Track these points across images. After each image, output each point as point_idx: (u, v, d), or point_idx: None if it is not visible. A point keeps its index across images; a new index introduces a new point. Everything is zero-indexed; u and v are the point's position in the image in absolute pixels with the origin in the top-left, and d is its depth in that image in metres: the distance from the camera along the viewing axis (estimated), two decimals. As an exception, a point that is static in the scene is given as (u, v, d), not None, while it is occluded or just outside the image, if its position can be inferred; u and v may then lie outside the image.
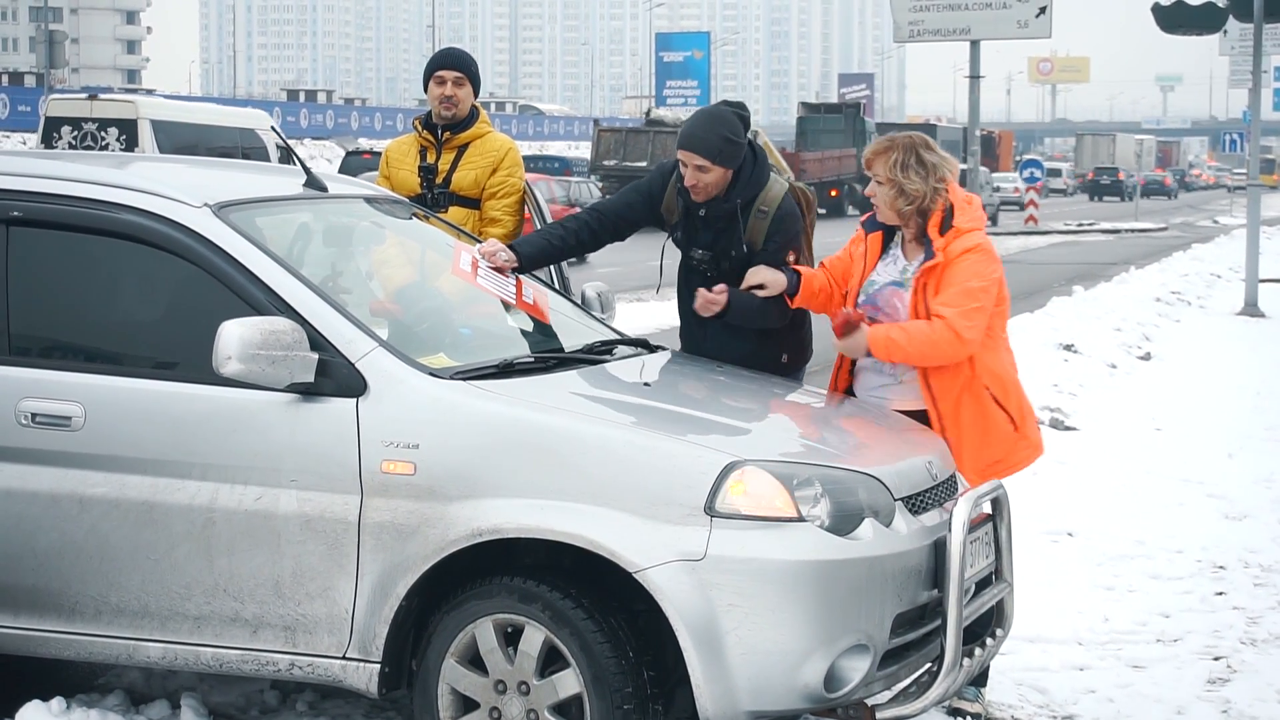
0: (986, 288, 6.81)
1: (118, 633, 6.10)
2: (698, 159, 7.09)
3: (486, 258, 7.06)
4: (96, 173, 6.50)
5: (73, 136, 29.98)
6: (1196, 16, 26.91)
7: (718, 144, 7.09)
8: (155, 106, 31.77)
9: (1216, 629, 8.28)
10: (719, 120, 7.18)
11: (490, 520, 5.62)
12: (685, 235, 7.35)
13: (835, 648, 5.53)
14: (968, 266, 6.80)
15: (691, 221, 7.29)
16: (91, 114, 30.10)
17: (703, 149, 7.09)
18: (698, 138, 7.12)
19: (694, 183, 7.13)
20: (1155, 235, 54.26)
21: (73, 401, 6.07)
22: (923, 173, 6.83)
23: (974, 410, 6.87)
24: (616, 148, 54.09)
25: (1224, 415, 14.97)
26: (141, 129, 29.17)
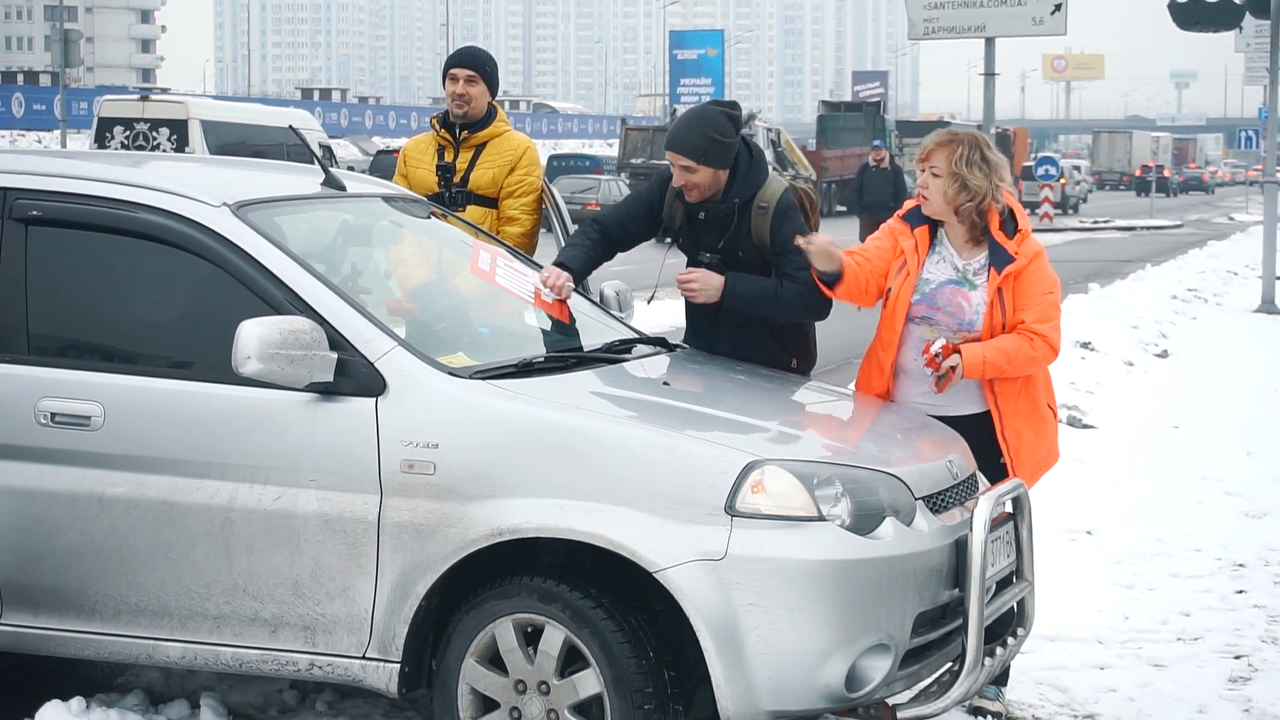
0: (1056, 290, 6.89)
1: (137, 632, 6.10)
2: (683, 159, 7.03)
3: (551, 289, 6.95)
4: (115, 172, 6.50)
5: (125, 136, 30.54)
6: (1213, 13, 26.83)
7: (702, 144, 7.01)
8: (204, 107, 32.55)
9: (1237, 627, 8.26)
10: (704, 121, 7.11)
11: (510, 520, 5.61)
12: (690, 239, 7.30)
13: (856, 647, 5.52)
14: (1042, 273, 6.83)
15: (694, 225, 7.25)
16: (143, 114, 30.82)
17: (686, 149, 7.02)
18: (681, 138, 7.06)
19: (683, 183, 7.08)
20: (1171, 232, 54.16)
21: (92, 401, 6.07)
22: (985, 170, 6.78)
23: (1029, 408, 6.89)
24: (643, 146, 54.58)
25: (1242, 413, 14.94)
26: (191, 129, 29.87)
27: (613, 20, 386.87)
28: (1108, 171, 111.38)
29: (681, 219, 7.29)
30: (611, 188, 46.99)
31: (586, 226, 7.41)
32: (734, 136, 7.08)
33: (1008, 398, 6.84)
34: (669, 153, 7.10)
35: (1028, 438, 6.86)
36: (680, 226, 7.32)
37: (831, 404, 6.91)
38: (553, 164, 58.11)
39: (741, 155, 7.16)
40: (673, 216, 7.31)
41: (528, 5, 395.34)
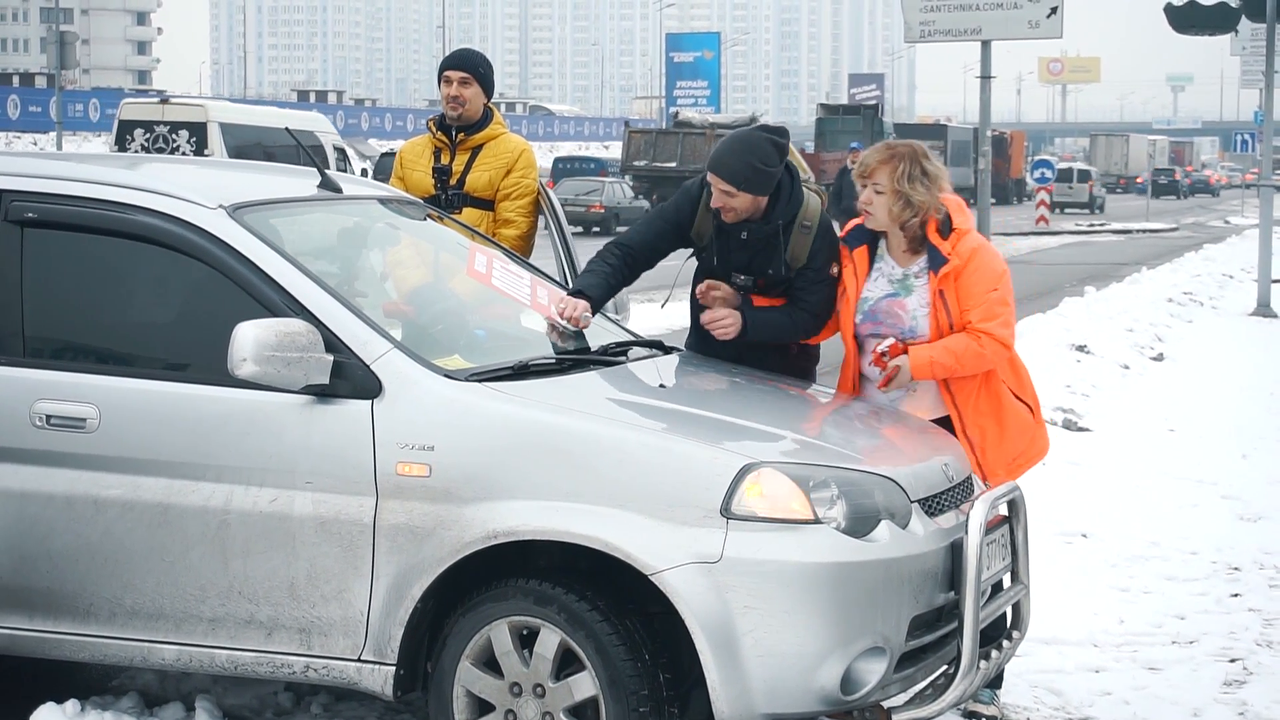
0: (1005, 287, 6.85)
1: (132, 635, 6.09)
2: (724, 184, 6.96)
3: (569, 320, 6.86)
4: (111, 174, 6.49)
5: (145, 139, 30.84)
6: (1209, 16, 26.85)
7: (745, 172, 6.93)
8: (223, 110, 32.82)
9: (1232, 630, 8.26)
10: (750, 148, 7.00)
11: (506, 522, 5.61)
12: (720, 256, 7.20)
13: (852, 650, 5.52)
14: (982, 270, 6.82)
15: (727, 243, 7.17)
16: (163, 117, 31.15)
17: (729, 175, 6.94)
18: (725, 163, 6.98)
19: (721, 205, 7.02)
20: (1166, 235, 54.21)
21: (88, 403, 6.06)
22: (927, 183, 6.81)
23: (992, 406, 6.88)
24: (646, 148, 55.03)
25: (1237, 416, 14.95)
26: (210, 131, 30.12)
27: (609, 23, 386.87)
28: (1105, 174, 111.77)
29: (711, 236, 7.20)
30: (615, 190, 47.29)
31: (609, 249, 7.29)
32: (778, 165, 7.00)
33: (965, 396, 6.86)
34: (710, 175, 7.01)
35: (993, 434, 6.86)
36: (708, 244, 7.24)
37: (827, 407, 6.91)
38: (558, 166, 58.57)
39: (782, 178, 7.10)
40: (701, 234, 7.24)
41: (524, 7, 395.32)
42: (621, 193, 48.72)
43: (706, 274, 7.29)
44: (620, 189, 48.80)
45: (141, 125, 31.23)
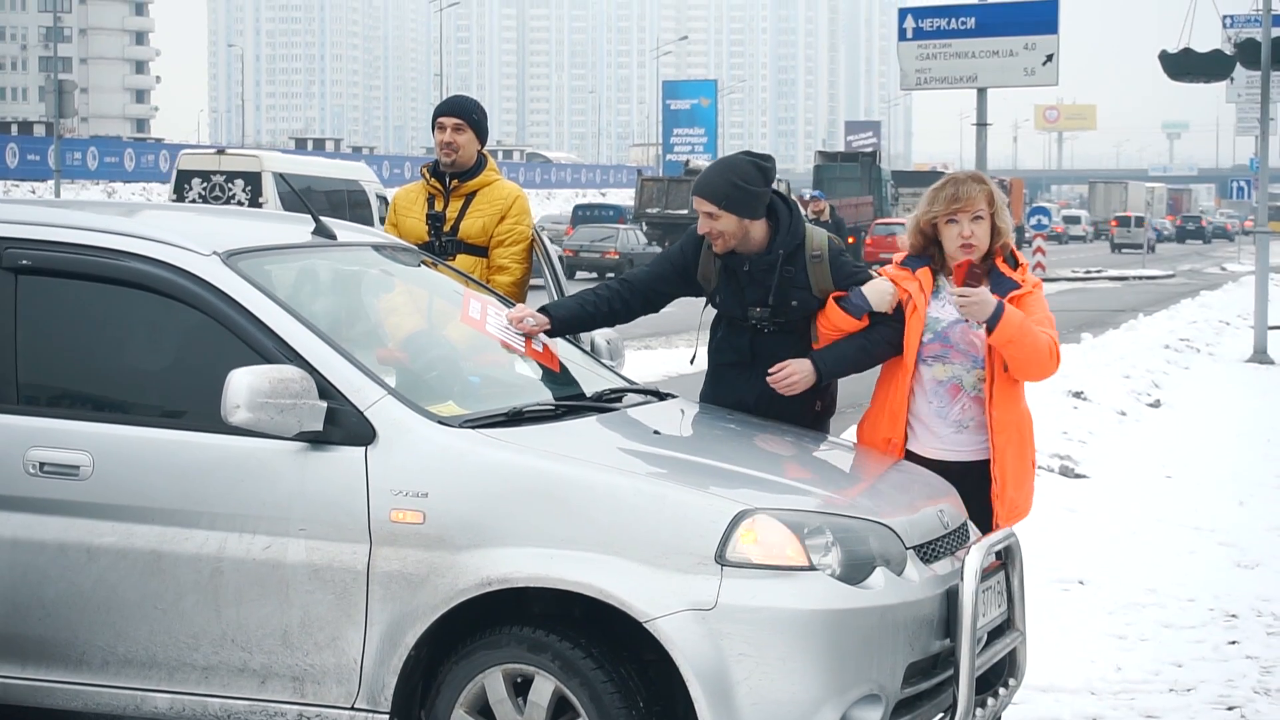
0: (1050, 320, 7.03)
1: (125, 683, 6.06)
2: (706, 205, 7.00)
3: (514, 324, 7.01)
4: (105, 221, 6.49)
5: (202, 188, 31.56)
6: (1204, 64, 26.95)
7: (725, 189, 6.98)
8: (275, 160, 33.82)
9: (1230, 678, 8.23)
10: (730, 167, 7.09)
11: (500, 569, 5.59)
12: (732, 296, 7.21)
13: (847, 698, 5.50)
14: (1042, 297, 7.05)
15: (735, 281, 7.18)
16: (220, 167, 31.91)
17: (709, 193, 6.99)
18: (706, 182, 7.04)
19: (707, 230, 7.05)
20: (1163, 282, 54.27)
21: (81, 451, 6.05)
22: (1008, 213, 7.04)
23: (1018, 451, 6.98)
24: (659, 196, 56.22)
25: (1234, 462, 14.93)
26: (265, 181, 30.78)
27: (606, 70, 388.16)
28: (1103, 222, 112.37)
29: (719, 277, 7.21)
30: (630, 237, 48.25)
31: (608, 281, 7.36)
32: (761, 186, 7.02)
33: (1004, 429, 6.93)
34: (695, 197, 7.08)
35: (1014, 480, 6.95)
36: (718, 286, 7.25)
37: (822, 453, 6.90)
38: (577, 213, 59.60)
39: (779, 208, 7.13)
40: (708, 276, 7.25)
41: (521, 55, 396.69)
42: (635, 239, 49.67)
43: (726, 317, 7.29)
44: (635, 235, 49.73)
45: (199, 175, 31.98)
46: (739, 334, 7.28)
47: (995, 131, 42.40)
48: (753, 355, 7.22)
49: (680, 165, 73.94)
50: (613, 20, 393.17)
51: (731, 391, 7.26)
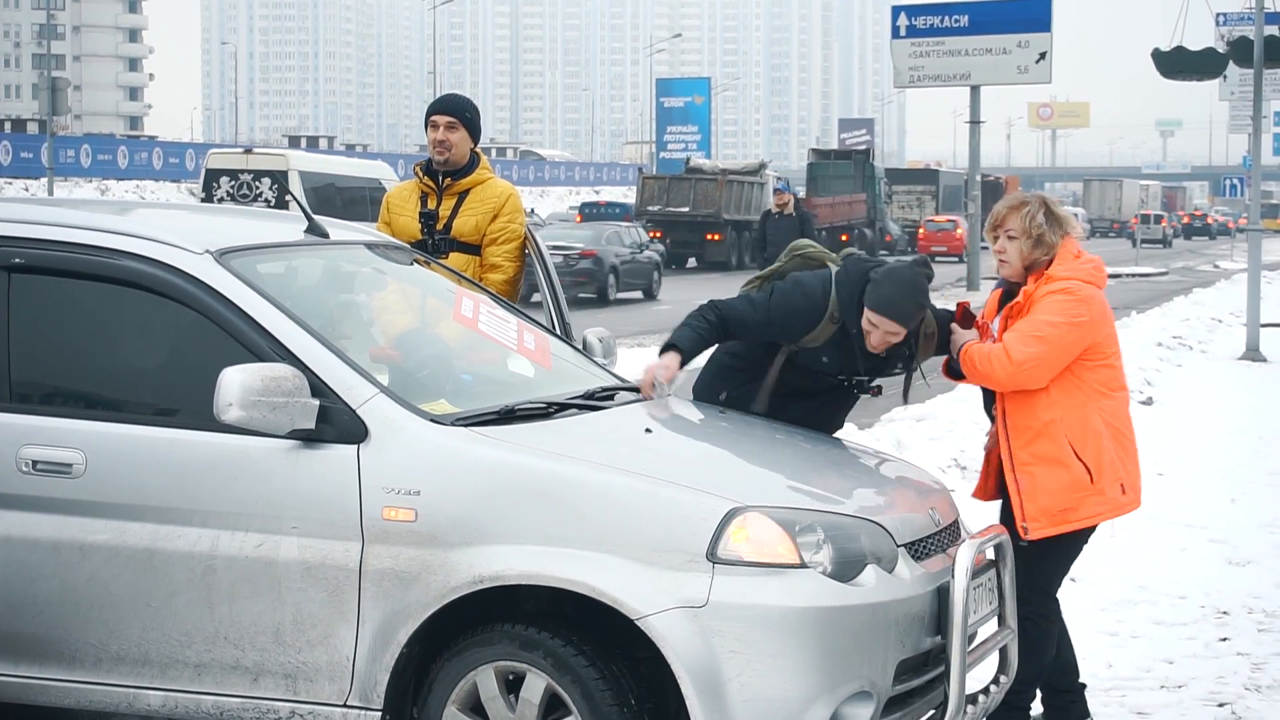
0: (1058, 324, 6.77)
1: (118, 681, 6.07)
2: (893, 325, 7.04)
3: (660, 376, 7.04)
4: (98, 219, 6.50)
5: (230, 186, 32.98)
6: (1196, 62, 26.96)
7: (914, 311, 7.07)
8: (301, 159, 35.30)
9: (1221, 675, 8.25)
10: (915, 289, 7.11)
11: (492, 567, 5.60)
12: (843, 364, 7.34)
13: (838, 695, 5.51)
14: (1047, 303, 6.83)
15: (852, 354, 7.28)
16: (247, 166, 33.36)
17: (900, 317, 7.03)
18: (897, 307, 7.03)
19: (880, 343, 7.13)
20: (1156, 280, 54.26)
21: (74, 449, 6.05)
22: (1055, 226, 6.94)
23: (1050, 455, 6.83)
24: (660, 194, 56.92)
25: (1226, 460, 14.94)
26: (292, 178, 32.04)
27: (600, 68, 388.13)
28: (1099, 219, 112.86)
29: (827, 340, 7.30)
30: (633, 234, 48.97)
31: (708, 310, 7.38)
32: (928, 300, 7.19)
33: (1020, 441, 6.89)
34: (879, 316, 7.04)
35: (1045, 483, 6.82)
36: (821, 349, 7.33)
37: (814, 451, 6.90)
38: (585, 210, 60.49)
39: None
40: (817, 338, 7.31)
41: (515, 52, 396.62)
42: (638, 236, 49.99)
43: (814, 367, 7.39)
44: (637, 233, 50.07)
45: (227, 173, 33.13)
46: (813, 380, 7.43)
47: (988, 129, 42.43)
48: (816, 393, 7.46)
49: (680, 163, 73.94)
50: (606, 17, 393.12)
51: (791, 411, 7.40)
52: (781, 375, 7.44)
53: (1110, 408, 6.92)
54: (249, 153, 35.33)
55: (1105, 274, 7.08)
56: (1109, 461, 6.85)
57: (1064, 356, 6.78)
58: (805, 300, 7.28)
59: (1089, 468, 6.82)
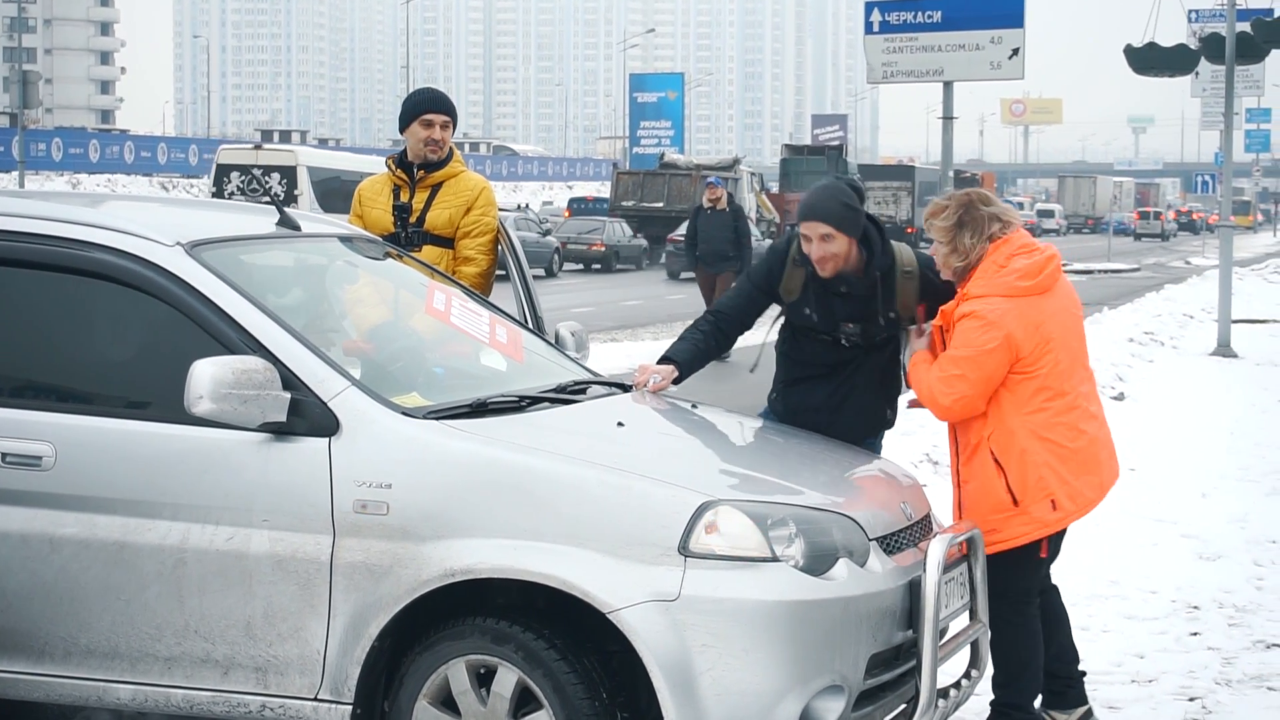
0: (971, 357, 6.69)
1: (87, 674, 6.05)
2: (823, 228, 7.09)
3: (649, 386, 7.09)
4: (69, 211, 6.47)
5: (241, 181, 33.91)
6: (1168, 58, 27.00)
7: (840, 211, 7.10)
8: (309, 155, 36.44)
9: (1191, 669, 8.27)
10: (836, 190, 7.22)
11: (463, 560, 5.59)
12: (821, 312, 7.32)
13: (810, 688, 5.51)
14: (959, 332, 6.80)
15: (829, 302, 7.29)
16: (257, 161, 34.30)
17: (826, 215, 7.09)
18: (818, 207, 7.14)
19: (821, 255, 7.13)
20: (1128, 276, 54.41)
21: (43, 441, 6.03)
22: (972, 231, 6.87)
23: (980, 473, 6.82)
24: (634, 189, 57.45)
25: (1197, 455, 14.99)
26: (300, 174, 32.98)
27: (573, 63, 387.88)
28: (1073, 215, 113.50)
29: (803, 291, 7.32)
30: (615, 229, 49.93)
31: (701, 318, 7.48)
32: (861, 206, 7.20)
33: (965, 445, 6.91)
34: (807, 224, 7.14)
35: (970, 497, 6.85)
36: (801, 299, 7.34)
37: (786, 445, 6.91)
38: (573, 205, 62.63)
39: (869, 229, 7.25)
40: (792, 290, 7.35)
41: (488, 47, 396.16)
42: (621, 232, 51.47)
43: (804, 329, 7.40)
44: (620, 228, 51.63)
45: (238, 169, 34.07)
46: (823, 349, 7.40)
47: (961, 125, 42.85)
48: (830, 367, 7.40)
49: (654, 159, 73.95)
50: (579, 12, 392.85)
51: (807, 399, 7.42)
52: (789, 352, 7.50)
53: (1043, 421, 6.77)
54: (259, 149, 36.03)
55: (1041, 277, 6.85)
56: (1036, 480, 6.74)
57: (990, 382, 6.73)
58: (772, 253, 7.46)
59: (1012, 489, 6.75)
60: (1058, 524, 6.84)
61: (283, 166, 34.00)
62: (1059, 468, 6.76)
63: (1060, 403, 6.81)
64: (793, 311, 7.40)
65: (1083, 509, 6.86)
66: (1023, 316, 6.73)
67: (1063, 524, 6.86)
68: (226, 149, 36.67)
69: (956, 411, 6.78)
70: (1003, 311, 6.71)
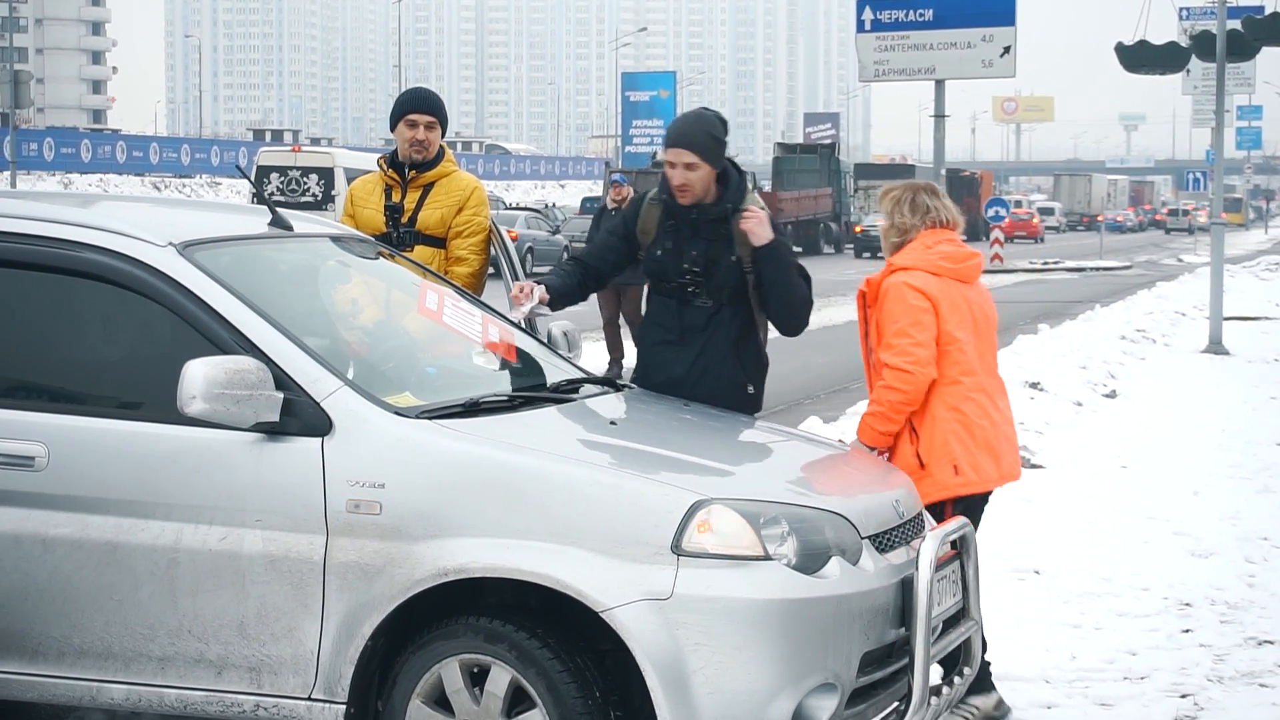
0: (910, 323, 7.16)
1: (81, 674, 6.05)
2: (688, 155, 7.27)
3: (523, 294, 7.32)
4: (62, 212, 6.46)
5: (280, 182, 35.21)
6: (1159, 56, 27.01)
7: (705, 140, 7.30)
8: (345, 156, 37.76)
9: (1183, 666, 8.28)
10: (703, 120, 7.42)
11: (456, 560, 5.60)
12: (671, 248, 7.44)
13: (802, 687, 5.52)
14: (888, 307, 7.21)
15: (678, 232, 7.41)
16: (296, 163, 35.76)
17: (691, 144, 7.28)
18: (685, 135, 7.32)
19: (682, 182, 7.29)
20: (1120, 273, 54.44)
21: (36, 441, 6.02)
22: (917, 211, 7.37)
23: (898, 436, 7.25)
24: None
25: (1189, 453, 15.00)
26: (337, 175, 34.25)
27: (565, 62, 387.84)
28: (1069, 213, 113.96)
29: (659, 231, 7.47)
30: None
31: (563, 261, 7.63)
32: (726, 137, 7.39)
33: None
34: (672, 150, 7.33)
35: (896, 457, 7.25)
36: (656, 240, 7.48)
37: (778, 444, 6.92)
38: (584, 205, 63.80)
39: (728, 167, 7.44)
40: (647, 230, 7.49)
41: (480, 46, 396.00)
42: None
43: (657, 274, 7.52)
44: None
45: (277, 170, 35.41)
46: (668, 309, 7.49)
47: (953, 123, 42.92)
48: (681, 331, 7.41)
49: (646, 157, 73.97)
50: (571, 11, 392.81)
51: (661, 370, 7.46)
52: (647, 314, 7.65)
53: (956, 393, 7.22)
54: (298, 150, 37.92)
55: (963, 266, 7.36)
56: (941, 445, 7.18)
57: (932, 343, 7.16)
58: (631, 204, 7.70)
59: (920, 454, 7.17)
60: (959, 489, 7.18)
61: (320, 168, 35.32)
62: (964, 437, 7.22)
63: (972, 380, 7.28)
64: (648, 258, 7.55)
65: (983, 482, 7.26)
66: (946, 293, 7.25)
67: (963, 490, 7.20)
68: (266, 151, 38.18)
69: (923, 365, 7.12)
70: (928, 282, 7.22)
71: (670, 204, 7.40)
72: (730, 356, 7.41)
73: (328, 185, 34.45)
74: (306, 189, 34.86)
